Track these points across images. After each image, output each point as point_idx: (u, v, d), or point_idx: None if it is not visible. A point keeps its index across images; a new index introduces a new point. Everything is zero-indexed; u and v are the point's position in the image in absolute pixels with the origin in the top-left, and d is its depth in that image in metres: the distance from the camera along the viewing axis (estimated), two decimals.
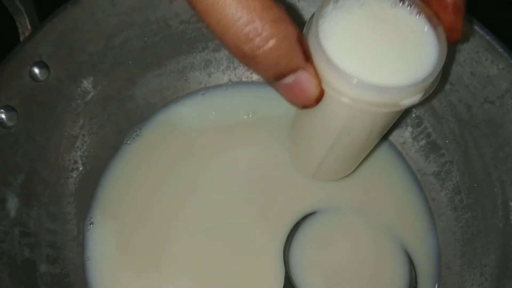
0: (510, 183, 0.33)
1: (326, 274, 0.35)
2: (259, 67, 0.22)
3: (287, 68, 0.22)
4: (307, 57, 0.22)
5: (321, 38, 0.23)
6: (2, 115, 0.32)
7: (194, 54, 0.42)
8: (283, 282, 0.35)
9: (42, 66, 0.33)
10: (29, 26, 0.33)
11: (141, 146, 0.41)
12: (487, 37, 0.33)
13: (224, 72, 0.44)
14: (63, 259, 0.36)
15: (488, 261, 0.33)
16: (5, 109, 0.32)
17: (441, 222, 0.38)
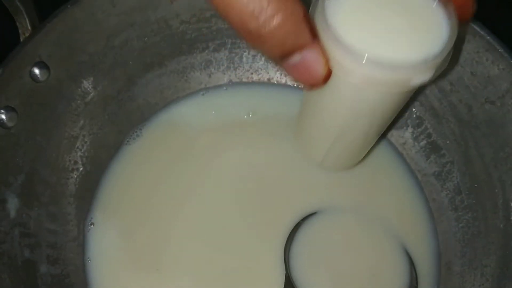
0: (510, 184, 0.33)
1: (327, 275, 0.35)
2: (265, 46, 0.21)
3: (294, 46, 0.21)
4: (314, 34, 0.22)
5: (328, 15, 0.23)
6: (2, 116, 0.32)
7: (195, 54, 0.42)
8: (284, 283, 0.35)
9: (42, 66, 0.33)
10: (29, 27, 0.33)
11: (141, 146, 0.41)
12: (488, 37, 0.33)
13: (224, 72, 0.44)
14: (64, 260, 0.36)
15: (488, 261, 0.33)
16: (5, 109, 0.32)
17: (441, 222, 0.38)
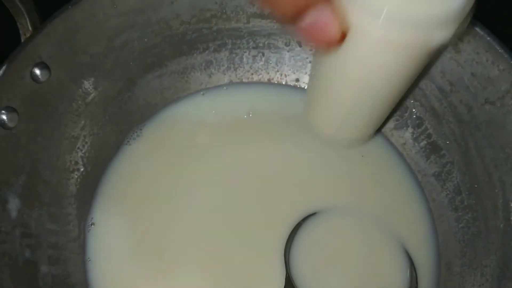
0: (510, 184, 0.33)
1: (327, 275, 0.35)
2: (277, 6, 0.21)
3: (306, 3, 0.21)
4: None
5: None
6: (3, 116, 0.32)
7: (195, 55, 0.42)
8: (284, 283, 0.35)
9: (43, 67, 0.33)
10: (30, 27, 0.33)
11: (141, 146, 0.41)
12: (488, 38, 0.33)
13: (224, 72, 0.44)
14: (64, 260, 0.36)
15: (488, 261, 0.33)
16: (6, 110, 0.32)
17: (441, 222, 0.38)
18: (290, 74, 0.44)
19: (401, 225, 0.38)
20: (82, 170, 0.38)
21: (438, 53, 0.27)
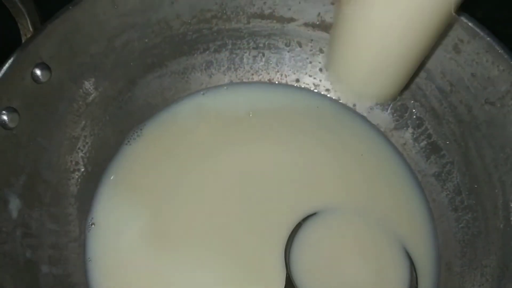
0: (510, 184, 0.33)
1: (327, 275, 0.35)
2: None
3: None
4: None
5: None
6: (4, 117, 0.32)
7: (195, 55, 0.42)
8: (284, 283, 0.35)
9: (44, 67, 0.33)
10: (30, 28, 0.33)
11: (142, 146, 0.41)
12: (488, 38, 0.33)
13: (225, 73, 0.44)
14: (65, 260, 0.36)
15: (488, 261, 0.33)
16: (7, 110, 0.32)
17: (441, 223, 0.38)
18: (290, 74, 0.44)
19: (401, 225, 0.38)
20: (82, 170, 0.38)
21: (456, 7, 0.28)
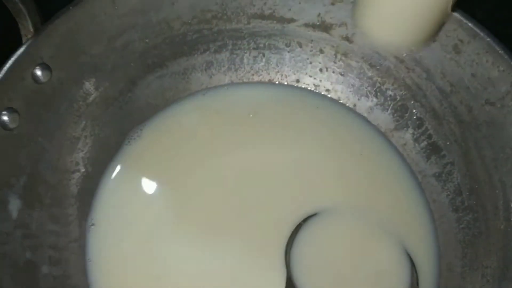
0: (511, 185, 0.33)
1: (328, 276, 0.35)
2: None
3: None
4: None
5: None
6: (5, 117, 0.32)
7: (196, 55, 0.42)
8: (285, 284, 0.35)
9: (44, 68, 0.33)
10: (31, 28, 0.33)
11: (142, 147, 0.41)
12: (488, 38, 0.33)
13: (225, 73, 0.44)
14: (65, 261, 0.36)
15: (489, 262, 0.33)
16: (7, 111, 0.32)
17: (442, 223, 0.38)
18: (291, 74, 0.44)
19: (401, 226, 0.38)
20: (83, 170, 0.38)
21: None
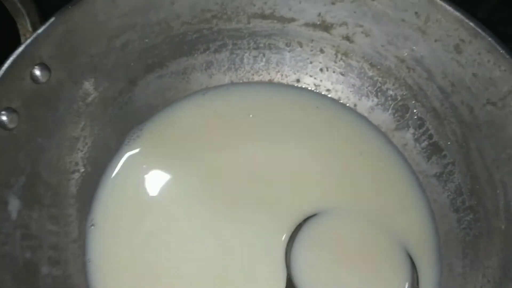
0: None
1: (328, 276, 0.35)
2: None
3: None
4: None
5: None
6: (3, 117, 0.32)
7: (196, 55, 0.42)
8: (285, 284, 0.35)
9: (43, 68, 0.33)
10: (30, 28, 0.33)
11: (142, 147, 0.41)
12: (489, 38, 0.33)
13: (225, 73, 0.44)
14: (65, 261, 0.36)
15: (490, 263, 0.33)
16: (6, 111, 0.32)
17: (443, 224, 0.38)
18: (291, 74, 0.44)
19: (402, 226, 0.38)
20: (82, 170, 0.38)
21: None
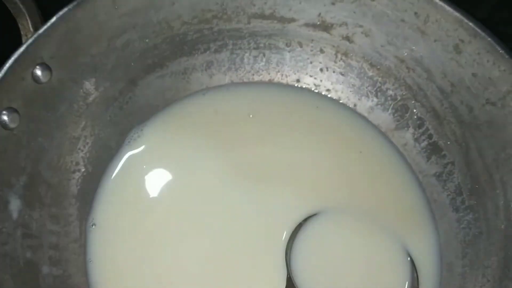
0: (511, 185, 0.33)
1: (328, 276, 0.35)
2: None
3: None
4: None
5: None
6: (5, 117, 0.32)
7: (196, 55, 0.42)
8: (285, 284, 0.35)
9: (44, 67, 0.33)
10: (31, 28, 0.33)
11: (142, 147, 0.41)
12: (489, 38, 0.33)
13: (225, 73, 0.44)
14: (65, 261, 0.36)
15: (490, 262, 0.33)
16: (7, 110, 0.32)
17: (442, 223, 0.38)
18: (291, 74, 0.44)
19: (402, 225, 0.38)
20: (83, 170, 0.38)
21: None
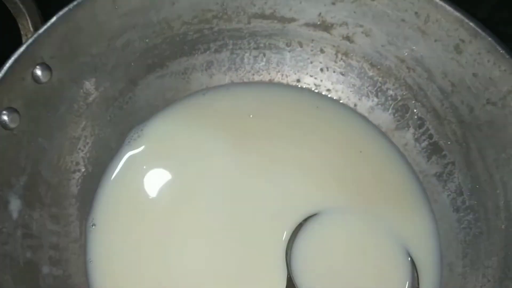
0: None
1: (328, 276, 0.35)
2: None
3: None
4: None
5: None
6: (5, 117, 0.32)
7: (196, 55, 0.42)
8: (286, 284, 0.35)
9: (44, 67, 0.33)
10: (31, 28, 0.33)
11: (142, 147, 0.41)
12: (489, 38, 0.33)
13: (225, 73, 0.44)
14: (66, 261, 0.36)
15: (490, 262, 0.33)
16: (7, 110, 0.32)
17: (443, 223, 0.38)
18: (291, 74, 0.44)
19: (402, 225, 0.38)
20: (83, 170, 0.38)
21: None
